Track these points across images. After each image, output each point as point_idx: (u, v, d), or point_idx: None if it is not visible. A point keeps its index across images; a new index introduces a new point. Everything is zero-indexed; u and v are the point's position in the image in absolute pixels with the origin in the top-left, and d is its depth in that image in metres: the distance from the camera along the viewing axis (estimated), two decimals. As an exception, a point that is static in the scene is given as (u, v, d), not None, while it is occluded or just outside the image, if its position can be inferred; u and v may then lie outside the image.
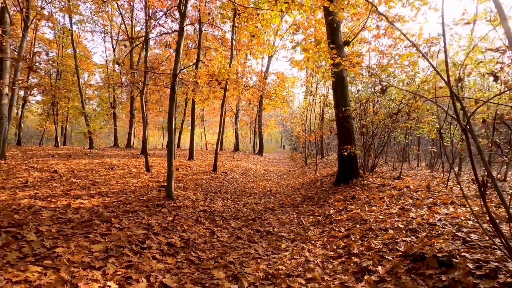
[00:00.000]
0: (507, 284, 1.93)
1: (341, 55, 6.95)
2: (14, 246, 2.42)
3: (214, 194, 6.10)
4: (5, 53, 7.67)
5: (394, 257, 2.75)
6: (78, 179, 6.13)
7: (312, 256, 3.12)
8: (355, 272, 2.65)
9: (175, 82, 4.56)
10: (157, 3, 7.80)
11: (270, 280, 2.59)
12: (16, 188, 4.94)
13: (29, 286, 1.91)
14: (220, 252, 3.20)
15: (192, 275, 2.59)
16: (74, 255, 2.41)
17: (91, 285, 2.06)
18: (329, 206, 5.19)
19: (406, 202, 4.57)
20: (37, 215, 3.35)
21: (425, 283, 2.22)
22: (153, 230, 3.35)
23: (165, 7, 8.59)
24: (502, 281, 1.97)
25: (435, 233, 3.08)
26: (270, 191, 7.70)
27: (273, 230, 4.19)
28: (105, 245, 2.69)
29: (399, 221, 3.68)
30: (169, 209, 4.23)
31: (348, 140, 6.88)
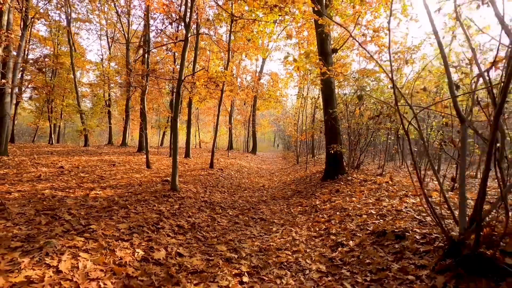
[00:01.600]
0: (439, 247, 2.60)
1: (329, 62, 7.63)
2: (57, 224, 2.98)
3: (212, 188, 6.70)
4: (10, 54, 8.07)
5: (363, 234, 3.41)
6: (86, 174, 6.64)
7: (298, 236, 3.76)
8: (331, 246, 3.30)
9: (180, 87, 5.14)
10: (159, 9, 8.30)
11: (263, 252, 3.22)
12: (32, 181, 5.43)
13: (78, 250, 2.49)
14: (221, 233, 3.81)
15: (199, 248, 3.20)
16: (106, 231, 2.99)
17: (124, 251, 2.65)
18: (316, 198, 5.85)
19: (382, 194, 5.24)
20: (63, 203, 3.89)
21: (382, 250, 2.88)
22: (164, 215, 3.94)
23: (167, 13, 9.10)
24: (436, 245, 2.64)
25: (399, 217, 3.75)
26: (263, 186, 8.33)
27: (265, 217, 4.83)
28: (128, 225, 3.27)
29: (373, 209, 4.35)
30: (175, 199, 4.82)
31: (335, 140, 7.55)
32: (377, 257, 2.76)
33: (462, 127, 2.64)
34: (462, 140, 2.64)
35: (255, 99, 22.50)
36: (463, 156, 2.58)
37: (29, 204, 3.62)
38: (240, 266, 2.79)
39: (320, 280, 2.55)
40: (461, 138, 2.65)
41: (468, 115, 2.74)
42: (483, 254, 2.13)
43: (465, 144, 2.63)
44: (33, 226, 2.86)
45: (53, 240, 2.52)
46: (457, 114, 2.62)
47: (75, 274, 2.12)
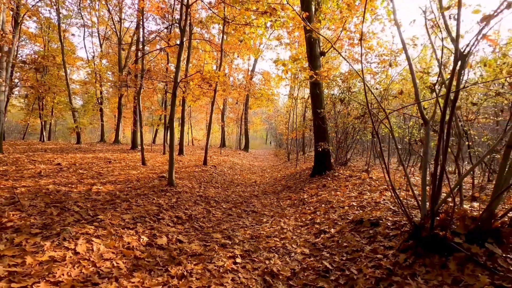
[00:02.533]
0: (405, 231, 3.02)
1: (318, 64, 8.03)
2: (67, 214, 3.29)
3: (206, 183, 7.04)
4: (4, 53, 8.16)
5: (343, 223, 3.82)
6: (84, 171, 6.88)
7: (286, 226, 4.15)
8: (315, 233, 3.70)
9: (176, 89, 5.45)
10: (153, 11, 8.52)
11: (254, 239, 3.60)
12: (34, 177, 5.66)
13: (91, 236, 2.81)
14: (216, 223, 4.18)
15: (197, 236, 3.55)
16: (112, 220, 3.31)
17: (130, 237, 2.99)
18: (304, 193, 6.26)
19: (364, 189, 5.68)
20: (68, 196, 4.18)
21: (359, 235, 3.29)
22: (163, 207, 4.27)
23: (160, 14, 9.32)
24: (403, 230, 3.07)
25: (376, 208, 4.18)
26: (255, 182, 8.71)
27: (257, 210, 5.21)
28: (131, 215, 3.60)
29: (355, 201, 4.78)
30: (172, 193, 5.15)
31: (323, 138, 7.97)
32: (354, 241, 3.17)
33: (426, 128, 3.06)
34: (425, 139, 3.06)
35: (247, 97, 22.81)
36: (426, 153, 3.00)
37: (37, 198, 3.90)
38: (233, 250, 3.16)
39: (304, 260, 2.94)
40: (425, 137, 3.08)
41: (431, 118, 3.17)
42: (438, 235, 2.55)
43: (428, 142, 3.05)
44: (46, 216, 3.16)
45: (68, 227, 2.84)
46: (421, 117, 3.04)
47: (91, 255, 2.46)
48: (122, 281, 2.26)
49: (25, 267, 2.13)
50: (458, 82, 2.54)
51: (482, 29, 2.45)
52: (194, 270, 2.62)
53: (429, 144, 3.09)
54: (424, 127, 3.05)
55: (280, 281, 2.52)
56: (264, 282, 2.51)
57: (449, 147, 2.56)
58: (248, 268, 2.78)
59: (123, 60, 19.57)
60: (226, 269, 2.70)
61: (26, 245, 2.42)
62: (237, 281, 2.51)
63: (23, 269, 2.10)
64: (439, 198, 2.71)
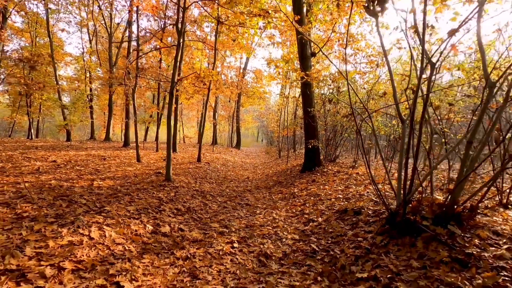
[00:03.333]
0: (384, 218, 3.41)
1: (309, 65, 8.39)
2: (76, 206, 3.54)
3: (202, 179, 7.32)
4: None
5: (330, 212, 4.20)
6: (81, 167, 7.05)
7: (278, 216, 4.51)
8: (304, 222, 4.07)
9: (173, 88, 5.70)
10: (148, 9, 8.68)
11: (249, 228, 3.93)
12: (33, 174, 5.83)
13: (101, 225, 3.09)
14: (213, 215, 4.49)
15: (196, 225, 3.87)
16: (119, 211, 3.59)
17: (137, 226, 3.28)
18: (294, 187, 6.63)
19: (350, 183, 6.09)
20: (72, 191, 4.41)
21: (343, 223, 3.67)
22: (163, 200, 4.56)
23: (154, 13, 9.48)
24: (381, 217, 3.46)
25: (360, 199, 4.58)
26: (247, 178, 9.05)
27: (250, 203, 5.55)
28: (135, 207, 3.88)
29: (341, 194, 5.18)
30: (170, 188, 5.43)
31: (313, 136, 8.36)
32: (338, 227, 3.55)
33: (403, 126, 3.45)
34: (402, 137, 3.45)
35: (239, 95, 23.05)
36: (402, 148, 3.39)
37: (43, 192, 4.12)
38: (231, 237, 3.50)
39: (294, 244, 3.30)
40: (402, 135, 3.47)
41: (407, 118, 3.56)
42: (410, 219, 2.95)
43: (404, 139, 3.44)
44: (57, 208, 3.41)
45: (80, 216, 3.10)
46: (399, 116, 3.43)
47: (104, 240, 2.74)
48: (134, 261, 2.56)
49: (49, 249, 2.40)
50: (428, 86, 2.93)
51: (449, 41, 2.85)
52: (196, 253, 2.94)
53: (405, 140, 3.48)
54: (402, 125, 3.44)
55: (273, 261, 2.87)
56: (259, 262, 2.85)
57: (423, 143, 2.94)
58: (244, 251, 3.11)
59: (113, 56, 19.46)
60: (225, 252, 3.03)
61: (46, 231, 2.69)
62: (235, 261, 2.84)
63: (47, 250, 2.37)
64: (412, 189, 3.10)
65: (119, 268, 2.39)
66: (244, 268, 2.70)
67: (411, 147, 2.86)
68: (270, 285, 2.37)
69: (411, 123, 2.76)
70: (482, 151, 2.91)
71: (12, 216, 2.97)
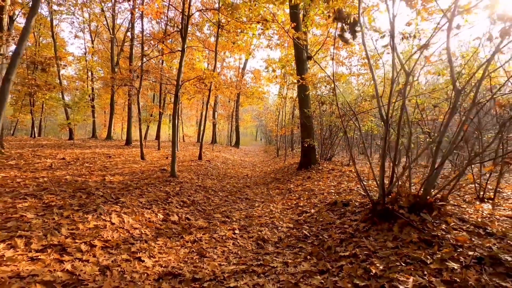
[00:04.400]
0: (369, 208, 3.85)
1: (305, 68, 8.82)
2: (94, 197, 3.97)
3: (203, 176, 7.76)
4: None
5: (322, 205, 4.64)
6: (90, 164, 7.47)
7: (275, 209, 4.95)
8: (298, 213, 4.51)
9: (178, 90, 6.13)
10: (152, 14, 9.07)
11: (248, 218, 4.37)
12: (47, 170, 6.24)
13: (119, 213, 3.52)
14: (215, 207, 4.93)
15: (201, 216, 4.30)
16: (132, 202, 4.02)
17: (149, 215, 3.71)
18: (291, 183, 7.07)
19: (343, 179, 6.54)
20: (87, 185, 4.83)
21: (332, 213, 4.11)
22: (170, 194, 4.99)
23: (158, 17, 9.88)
24: (366, 207, 3.90)
25: (350, 193, 5.02)
26: (246, 175, 9.48)
27: (249, 197, 5.98)
28: (146, 199, 4.31)
29: (333, 189, 5.62)
30: (175, 183, 5.86)
31: (308, 135, 8.80)
32: (328, 217, 3.99)
33: (385, 126, 3.89)
34: (384, 136, 3.89)
35: (238, 95, 23.46)
36: (384, 146, 3.83)
37: (61, 186, 4.54)
38: (232, 225, 3.93)
39: (288, 231, 3.74)
40: (384, 135, 3.91)
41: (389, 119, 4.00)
42: (389, 208, 3.39)
43: (386, 138, 3.88)
44: (78, 198, 3.83)
45: (101, 205, 3.53)
46: (381, 118, 3.87)
47: (124, 225, 3.18)
48: (151, 242, 2.99)
49: (79, 230, 2.83)
50: (404, 92, 3.37)
51: (421, 53, 3.29)
52: (202, 238, 3.37)
53: (387, 139, 3.92)
54: (384, 125, 3.88)
55: (270, 244, 3.31)
56: (257, 245, 3.29)
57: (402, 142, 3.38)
58: (244, 236, 3.55)
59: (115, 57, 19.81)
60: (228, 237, 3.47)
61: (74, 217, 3.11)
62: (237, 244, 3.28)
63: (78, 232, 2.80)
64: (393, 182, 3.55)
65: (138, 247, 2.83)
66: (244, 249, 3.14)
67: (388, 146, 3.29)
68: (266, 262, 2.81)
69: (386, 125, 3.20)
70: (452, 150, 3.35)
71: (42, 205, 3.39)
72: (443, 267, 2.23)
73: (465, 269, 2.15)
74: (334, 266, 2.63)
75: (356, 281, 2.30)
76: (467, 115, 3.25)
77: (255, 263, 2.79)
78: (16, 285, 1.87)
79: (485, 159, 4.51)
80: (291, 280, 2.45)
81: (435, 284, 2.04)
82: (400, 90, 3.45)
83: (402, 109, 3.36)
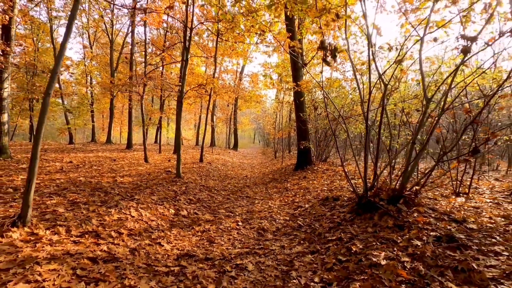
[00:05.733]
0: (355, 202, 4.38)
1: (300, 75, 9.38)
2: (111, 195, 4.45)
3: (206, 177, 8.25)
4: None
5: (315, 200, 5.16)
6: (98, 167, 7.93)
7: (273, 205, 5.46)
8: (294, 208, 5.02)
9: (182, 98, 6.63)
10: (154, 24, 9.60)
11: (249, 213, 4.88)
12: (59, 172, 6.70)
13: (136, 207, 4.01)
14: (219, 204, 5.43)
15: (207, 211, 4.80)
16: (146, 199, 4.51)
17: (162, 210, 4.20)
18: (287, 183, 7.59)
19: (336, 178, 7.07)
20: (101, 185, 5.30)
21: (324, 207, 4.63)
22: (177, 193, 5.48)
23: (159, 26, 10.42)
24: (354, 201, 4.43)
25: (341, 190, 5.54)
26: (246, 176, 9.99)
27: (249, 195, 6.49)
28: (157, 197, 4.80)
29: (326, 187, 6.14)
30: (181, 183, 6.35)
31: (304, 138, 9.33)
32: (320, 210, 4.51)
33: (366, 130, 4.43)
34: (366, 137, 4.43)
35: (236, 99, 23.99)
36: (367, 147, 4.36)
37: (79, 186, 5.01)
38: (235, 218, 4.44)
39: (284, 223, 4.25)
40: (365, 138, 4.45)
41: (373, 123, 4.54)
42: (371, 201, 3.92)
43: (367, 140, 4.42)
44: (98, 196, 4.32)
45: (120, 201, 4.02)
46: (365, 122, 4.41)
47: (142, 218, 3.67)
48: (167, 232, 3.49)
49: (107, 221, 3.32)
50: (383, 100, 3.92)
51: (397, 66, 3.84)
52: (210, 228, 3.88)
53: (368, 141, 4.46)
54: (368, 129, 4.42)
55: (269, 233, 3.82)
56: (258, 233, 3.80)
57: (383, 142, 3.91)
58: (247, 227, 4.06)
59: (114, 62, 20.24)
60: (232, 228, 3.97)
61: (99, 211, 3.60)
62: (240, 233, 3.79)
63: (106, 222, 3.29)
64: (376, 178, 4.08)
65: (157, 235, 3.33)
66: (247, 237, 3.65)
67: (368, 145, 3.82)
68: (266, 246, 3.32)
69: (367, 129, 3.74)
70: (425, 149, 3.90)
71: (68, 202, 3.88)
72: (409, 244, 2.76)
73: (426, 245, 2.67)
74: (322, 248, 3.15)
75: (339, 257, 2.82)
76: (437, 120, 3.81)
77: (256, 247, 3.30)
78: (69, 259, 2.36)
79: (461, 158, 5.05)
80: (287, 258, 2.96)
81: (400, 256, 2.57)
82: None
83: (382, 114, 3.90)
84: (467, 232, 2.91)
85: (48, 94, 3.02)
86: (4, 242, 2.47)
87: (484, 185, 5.73)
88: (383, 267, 2.47)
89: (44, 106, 3.02)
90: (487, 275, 2.11)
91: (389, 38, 34.93)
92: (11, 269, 2.08)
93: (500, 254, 2.41)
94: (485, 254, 2.45)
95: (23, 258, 2.24)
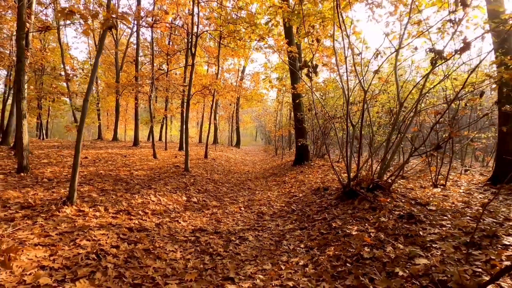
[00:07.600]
0: (342, 191, 5.08)
1: (298, 77, 10.04)
2: (132, 185, 5.19)
3: (211, 171, 8.99)
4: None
5: (308, 191, 5.88)
6: (113, 162, 8.67)
7: (271, 195, 6.18)
8: (289, 197, 5.75)
9: (189, 99, 7.34)
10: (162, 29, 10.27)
11: (251, 201, 5.60)
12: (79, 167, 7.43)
13: (155, 194, 4.74)
14: (224, 194, 6.16)
15: (214, 199, 5.54)
16: (161, 188, 5.25)
17: (176, 197, 4.94)
18: (286, 177, 8.31)
19: (330, 172, 7.76)
20: (120, 177, 6.04)
21: (315, 196, 5.35)
22: (187, 184, 6.22)
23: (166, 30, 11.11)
24: (340, 191, 5.14)
25: (332, 182, 6.25)
26: (248, 171, 10.72)
27: (251, 187, 7.22)
28: (170, 187, 5.54)
29: (319, 180, 6.85)
30: (189, 176, 7.09)
31: (302, 136, 10.03)
32: (311, 198, 5.23)
33: (354, 129, 5.13)
34: (347, 136, 5.13)
35: (238, 98, 24.69)
36: (351, 144, 5.06)
37: (102, 178, 5.75)
38: (238, 205, 5.17)
39: (281, 208, 4.97)
40: (346, 136, 5.15)
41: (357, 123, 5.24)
42: (353, 189, 4.62)
43: (351, 138, 5.12)
44: (120, 186, 5.05)
45: (141, 189, 4.76)
46: (350, 122, 5.10)
47: (161, 202, 4.41)
48: (182, 213, 4.22)
49: (133, 204, 4.05)
50: (363, 104, 4.61)
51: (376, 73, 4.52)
52: (217, 212, 4.60)
53: (350, 139, 5.15)
54: (353, 128, 5.11)
55: (267, 215, 4.54)
56: (257, 216, 4.53)
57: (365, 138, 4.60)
58: (248, 211, 4.79)
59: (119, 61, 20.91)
60: (236, 211, 4.70)
61: (126, 196, 4.34)
62: (243, 215, 4.51)
63: (133, 205, 4.03)
64: (358, 171, 4.79)
65: (174, 215, 4.06)
66: (248, 218, 4.38)
67: (347, 142, 4.52)
68: (264, 225, 4.04)
69: (347, 129, 4.44)
70: (399, 145, 4.59)
71: (98, 189, 4.62)
72: (377, 221, 3.47)
73: (390, 220, 3.38)
74: (310, 225, 3.87)
75: (322, 231, 3.54)
76: (410, 120, 4.50)
77: (256, 225, 4.03)
78: (112, 228, 3.10)
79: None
80: (280, 233, 3.68)
81: (369, 229, 3.28)
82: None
83: (362, 115, 4.60)
84: (426, 212, 3.61)
85: (86, 100, 3.74)
86: (61, 215, 3.20)
87: (464, 179, 6.41)
88: (353, 236, 3.18)
89: (83, 110, 3.74)
90: (428, 238, 2.82)
91: (376, 45, 35.08)
92: (74, 232, 2.81)
93: (444, 226, 3.12)
94: (433, 226, 3.15)
95: (80, 226, 2.97)
